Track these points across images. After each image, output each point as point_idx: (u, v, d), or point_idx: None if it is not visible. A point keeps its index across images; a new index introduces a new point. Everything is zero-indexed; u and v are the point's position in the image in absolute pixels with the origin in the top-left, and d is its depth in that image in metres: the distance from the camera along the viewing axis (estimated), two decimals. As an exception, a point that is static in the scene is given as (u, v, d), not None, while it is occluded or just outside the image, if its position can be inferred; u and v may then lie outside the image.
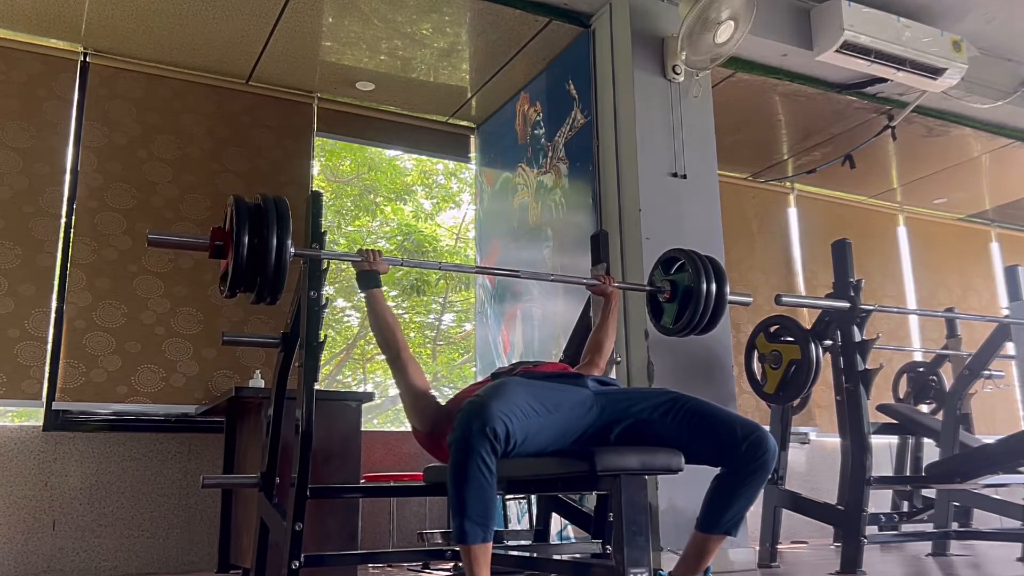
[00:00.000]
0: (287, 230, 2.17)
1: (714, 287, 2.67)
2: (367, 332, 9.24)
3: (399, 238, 9.29)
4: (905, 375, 5.03)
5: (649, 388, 3.09)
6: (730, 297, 2.74)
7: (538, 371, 2.20)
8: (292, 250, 2.19)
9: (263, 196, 2.22)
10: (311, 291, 2.39)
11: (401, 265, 2.63)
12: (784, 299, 3.29)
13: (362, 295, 2.40)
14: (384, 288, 2.40)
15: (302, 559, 2.25)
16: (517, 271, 3.12)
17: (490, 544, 1.80)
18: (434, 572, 3.61)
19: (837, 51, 4.08)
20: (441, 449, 2.09)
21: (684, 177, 3.83)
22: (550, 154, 4.51)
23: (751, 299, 2.97)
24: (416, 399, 2.24)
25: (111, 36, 4.23)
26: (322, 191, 4.27)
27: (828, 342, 3.45)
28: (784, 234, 6.15)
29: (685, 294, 2.72)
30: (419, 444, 2.31)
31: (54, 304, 4.00)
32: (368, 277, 2.37)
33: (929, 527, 4.11)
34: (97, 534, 3.84)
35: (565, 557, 2.85)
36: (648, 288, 2.85)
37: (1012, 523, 4.11)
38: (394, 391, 9.35)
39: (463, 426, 1.79)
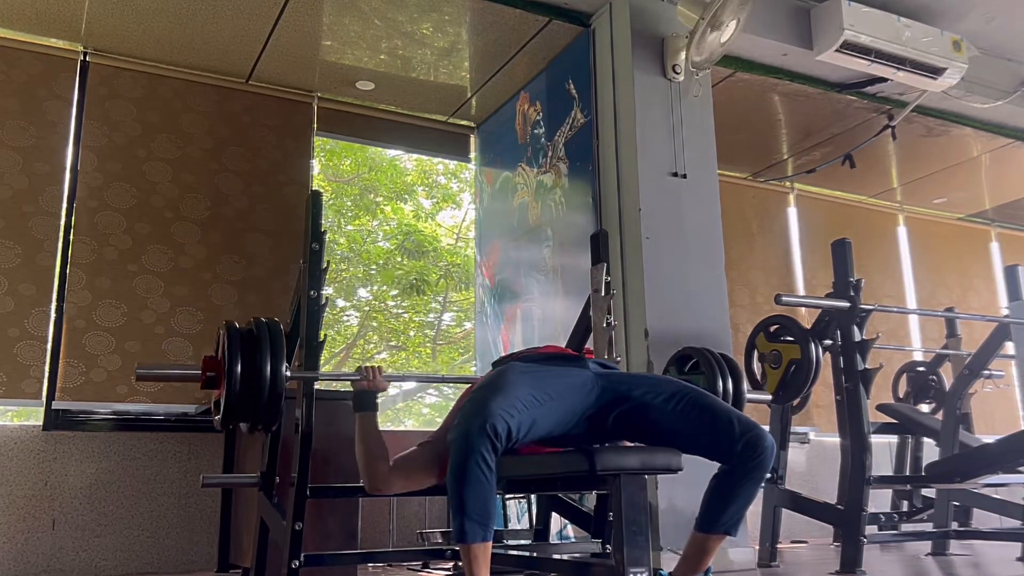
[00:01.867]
0: (281, 358, 2.13)
1: (731, 386, 2.58)
2: (367, 331, 9.25)
3: (399, 238, 9.28)
4: (905, 375, 5.02)
5: (652, 375, 3.04)
6: (748, 396, 2.64)
7: (539, 353, 2.21)
8: (287, 374, 2.17)
9: (256, 321, 2.18)
10: (311, 291, 2.38)
11: (402, 380, 2.59)
12: (784, 299, 3.29)
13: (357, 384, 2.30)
14: (383, 288, 2.39)
15: (302, 559, 2.25)
16: None
17: (490, 543, 1.80)
18: (434, 571, 3.60)
19: (837, 51, 4.08)
20: None
21: (684, 177, 3.83)
22: (550, 154, 4.51)
23: (770, 396, 2.93)
24: (415, 475, 2.19)
25: (111, 36, 4.23)
26: (322, 191, 4.27)
27: (828, 342, 3.45)
28: (784, 234, 6.15)
29: None
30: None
31: (54, 304, 4.00)
32: (365, 398, 2.28)
33: (929, 527, 4.10)
34: (97, 534, 3.84)
35: (565, 557, 2.85)
36: None
37: (1012, 523, 4.11)
38: (394, 390, 9.35)
39: (464, 425, 1.80)
